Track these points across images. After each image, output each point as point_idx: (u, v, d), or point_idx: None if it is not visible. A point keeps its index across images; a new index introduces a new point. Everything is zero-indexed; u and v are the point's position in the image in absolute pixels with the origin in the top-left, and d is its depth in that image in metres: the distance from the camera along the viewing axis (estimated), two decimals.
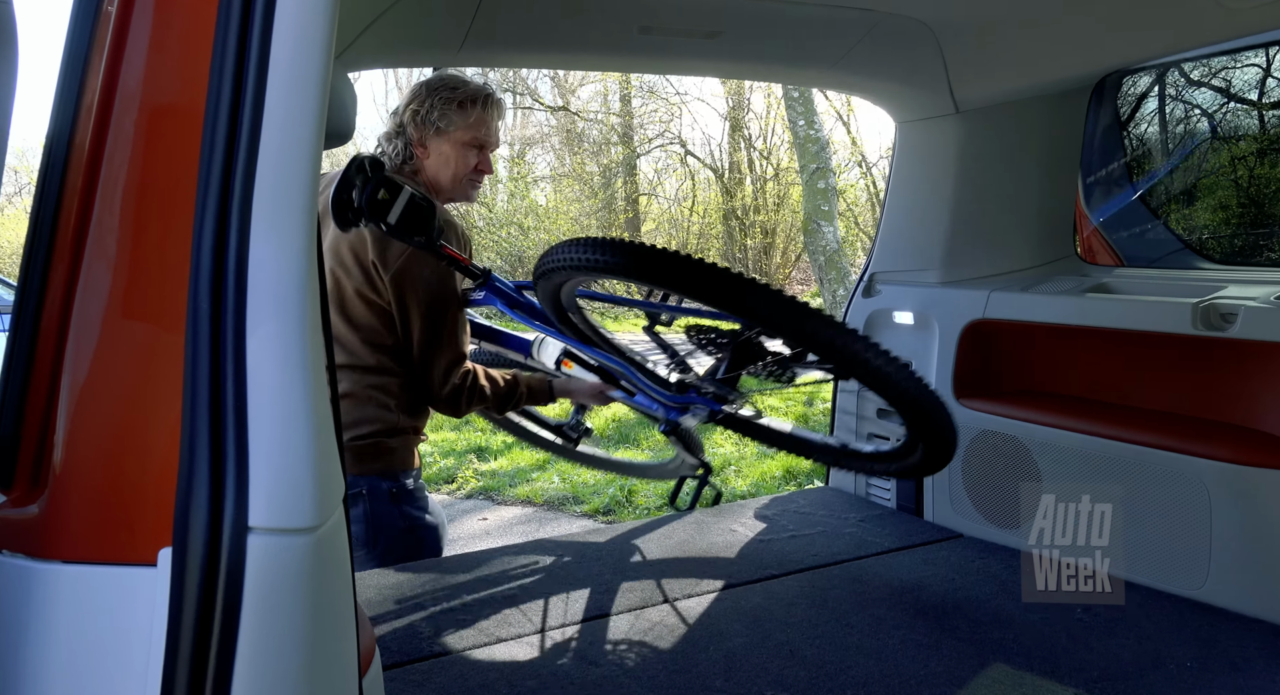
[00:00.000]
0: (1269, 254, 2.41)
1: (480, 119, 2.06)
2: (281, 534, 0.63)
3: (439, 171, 2.15)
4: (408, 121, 2.12)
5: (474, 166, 2.13)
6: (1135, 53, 2.11)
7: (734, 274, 1.55)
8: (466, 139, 2.09)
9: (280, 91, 0.70)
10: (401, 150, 2.16)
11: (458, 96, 2.06)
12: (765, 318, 1.55)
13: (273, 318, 0.68)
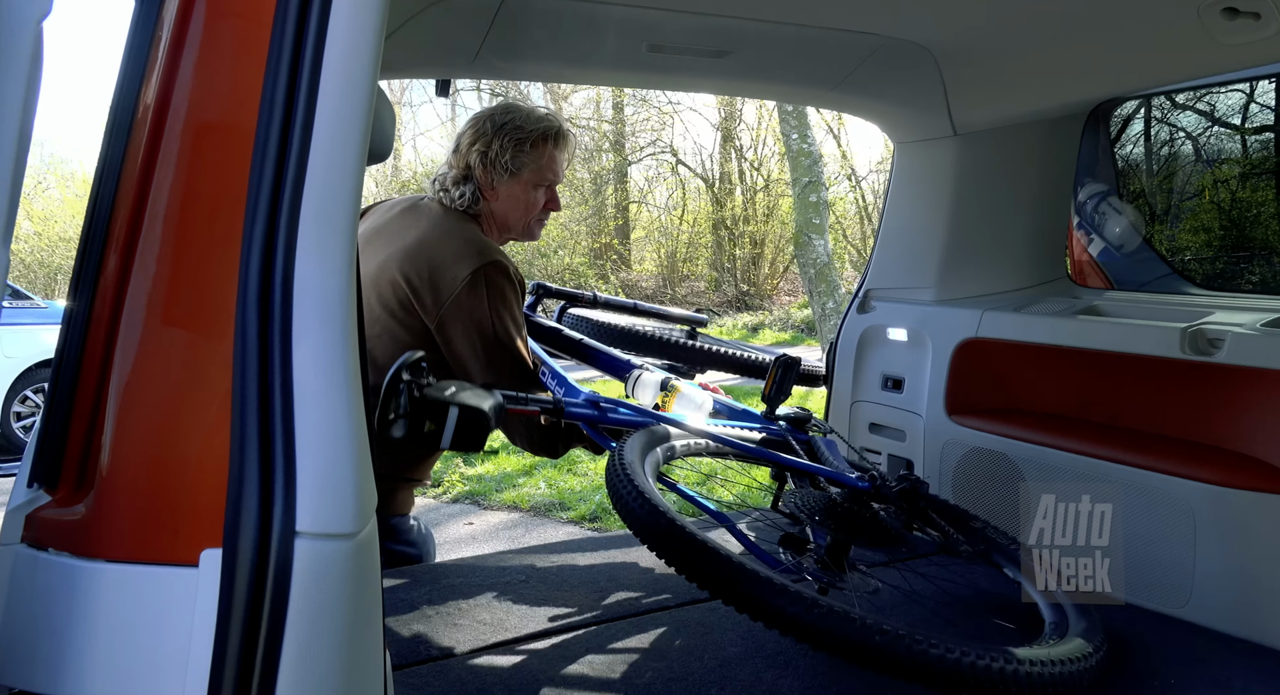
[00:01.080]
0: (1255, 280, 2.47)
1: (552, 158, 2.00)
2: (326, 539, 0.66)
3: (508, 212, 2.06)
4: (475, 164, 2.00)
5: (543, 205, 2.06)
6: (1129, 83, 2.17)
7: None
8: (538, 180, 2.01)
9: (329, 113, 0.73)
10: (469, 194, 2.04)
11: (529, 136, 1.97)
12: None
13: (317, 331, 0.71)
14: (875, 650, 1.33)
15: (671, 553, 1.47)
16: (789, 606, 1.34)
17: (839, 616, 1.33)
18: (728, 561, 1.40)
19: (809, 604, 1.34)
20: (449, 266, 1.95)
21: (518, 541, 5.09)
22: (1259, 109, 2.51)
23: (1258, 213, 2.49)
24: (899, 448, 2.63)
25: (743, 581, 1.38)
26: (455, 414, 1.57)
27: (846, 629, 1.33)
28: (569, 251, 17.42)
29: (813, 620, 1.33)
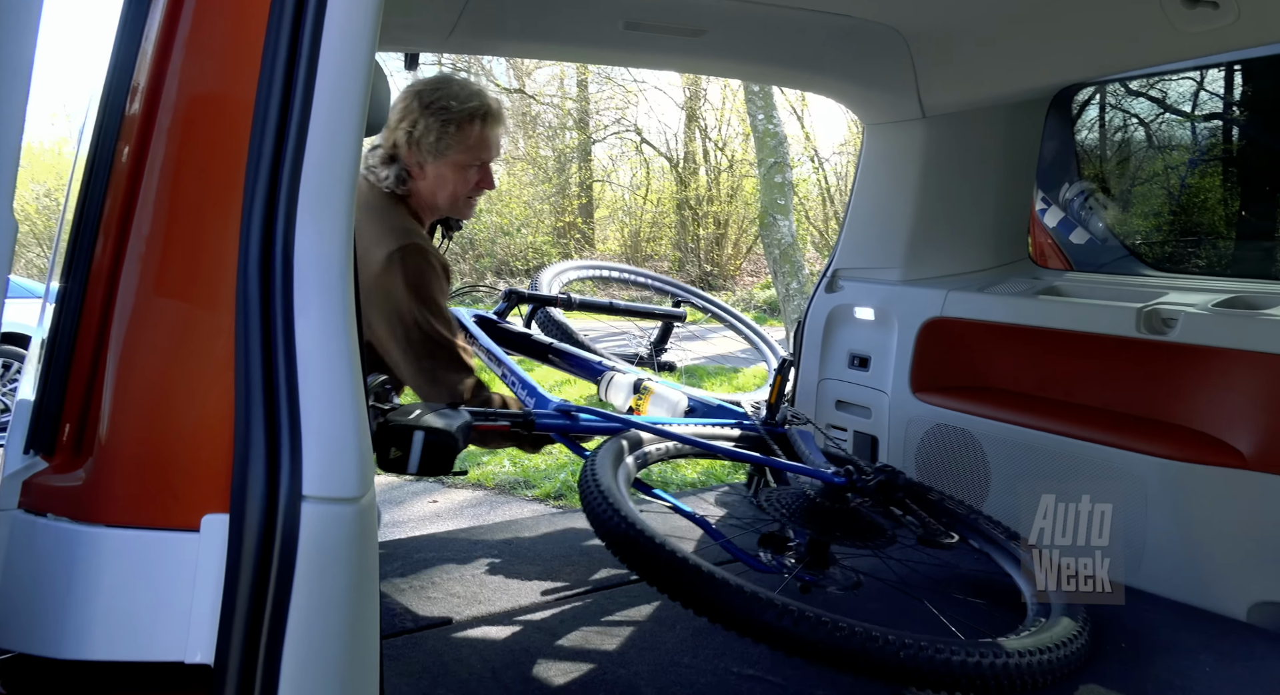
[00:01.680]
0: (1207, 262, 2.56)
1: (481, 139, 1.93)
2: (332, 502, 0.67)
3: (436, 192, 1.99)
4: (401, 144, 1.93)
5: (475, 184, 1.99)
6: (1092, 68, 2.22)
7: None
8: (465, 160, 1.94)
9: (328, 85, 0.73)
10: (394, 176, 1.97)
11: (455, 117, 1.89)
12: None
13: (318, 300, 0.72)
14: (864, 658, 1.32)
15: (641, 567, 1.45)
16: (770, 618, 1.33)
17: (821, 626, 1.32)
18: (697, 572, 1.38)
19: (787, 614, 1.32)
20: (366, 250, 1.87)
21: (482, 519, 5.10)
22: (1212, 97, 2.58)
23: (1209, 198, 2.57)
24: (864, 424, 2.69)
25: (718, 594, 1.36)
26: (420, 439, 1.55)
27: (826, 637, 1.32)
28: (532, 230, 17.31)
29: (796, 631, 1.32)
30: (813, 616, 1.32)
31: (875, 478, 1.76)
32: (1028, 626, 1.60)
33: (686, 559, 1.40)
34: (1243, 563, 1.83)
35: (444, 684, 1.59)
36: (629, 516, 1.49)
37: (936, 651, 1.33)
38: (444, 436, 1.56)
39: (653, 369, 2.69)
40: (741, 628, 1.35)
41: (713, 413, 2.09)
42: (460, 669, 1.64)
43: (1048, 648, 1.44)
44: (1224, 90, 2.58)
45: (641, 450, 1.84)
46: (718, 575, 1.37)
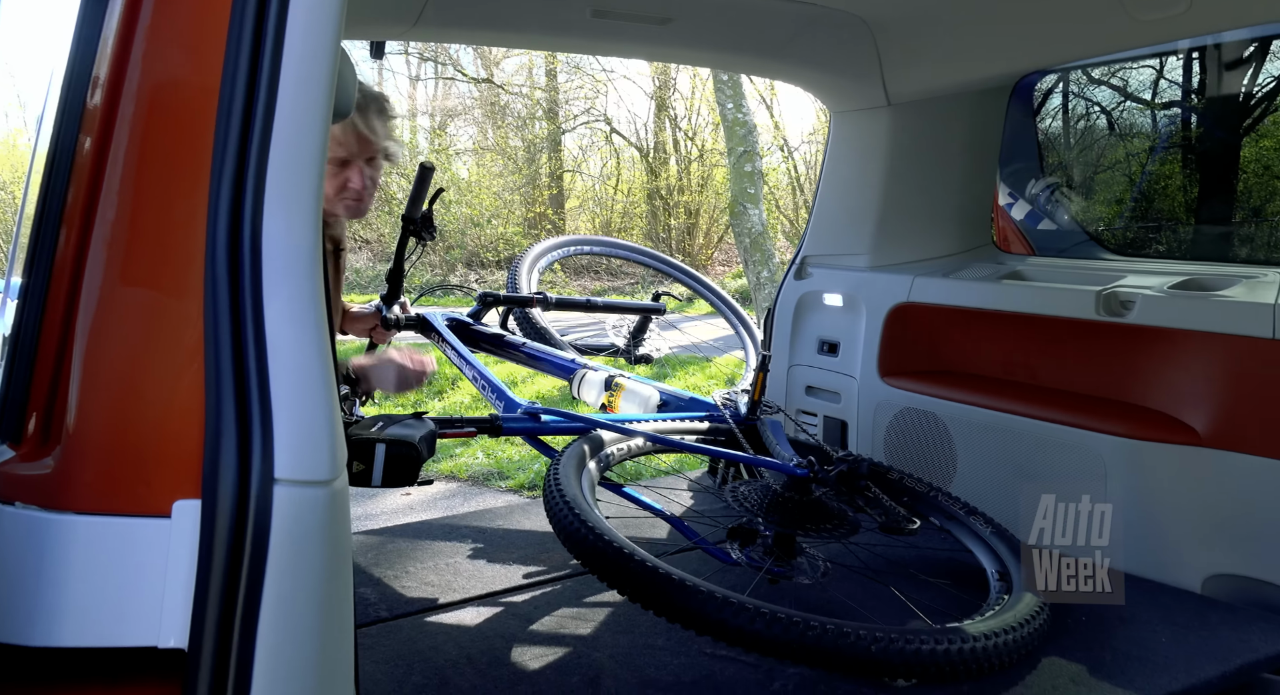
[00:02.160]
0: (1164, 246, 2.62)
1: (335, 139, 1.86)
2: (304, 486, 0.68)
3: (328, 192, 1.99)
4: None
5: (340, 186, 1.91)
6: (1051, 56, 2.26)
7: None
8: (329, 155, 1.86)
9: (293, 71, 0.74)
10: None
11: None
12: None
13: (287, 284, 0.72)
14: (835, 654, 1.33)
15: (607, 574, 1.47)
16: (742, 622, 1.34)
17: (793, 626, 1.33)
18: (666, 579, 1.39)
19: (758, 617, 1.33)
20: None
21: (455, 510, 5.10)
22: (1169, 85, 2.64)
23: (1167, 184, 2.63)
24: (834, 409, 2.73)
25: (688, 600, 1.37)
26: (383, 451, 1.55)
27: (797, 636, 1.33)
28: (503, 221, 17.21)
29: (768, 633, 1.33)
30: (784, 618, 1.33)
31: (837, 468, 1.77)
32: (991, 605, 1.64)
33: (652, 566, 1.41)
34: (1197, 537, 1.89)
35: (419, 670, 1.60)
36: (592, 524, 1.49)
37: (906, 642, 1.35)
38: (407, 448, 1.56)
39: (628, 361, 2.69)
40: (713, 632, 1.37)
41: (684, 406, 2.10)
42: (435, 655, 1.65)
43: (1012, 627, 1.47)
44: (1181, 78, 2.64)
45: (606, 451, 1.85)
46: (688, 582, 1.39)
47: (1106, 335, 2.11)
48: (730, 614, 1.34)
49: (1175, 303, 1.98)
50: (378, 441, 1.56)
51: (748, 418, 2.03)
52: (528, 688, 1.54)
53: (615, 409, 2.08)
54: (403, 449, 1.56)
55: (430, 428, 1.68)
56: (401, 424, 1.63)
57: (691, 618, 1.37)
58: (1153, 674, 1.54)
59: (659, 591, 1.39)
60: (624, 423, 1.93)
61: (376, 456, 1.55)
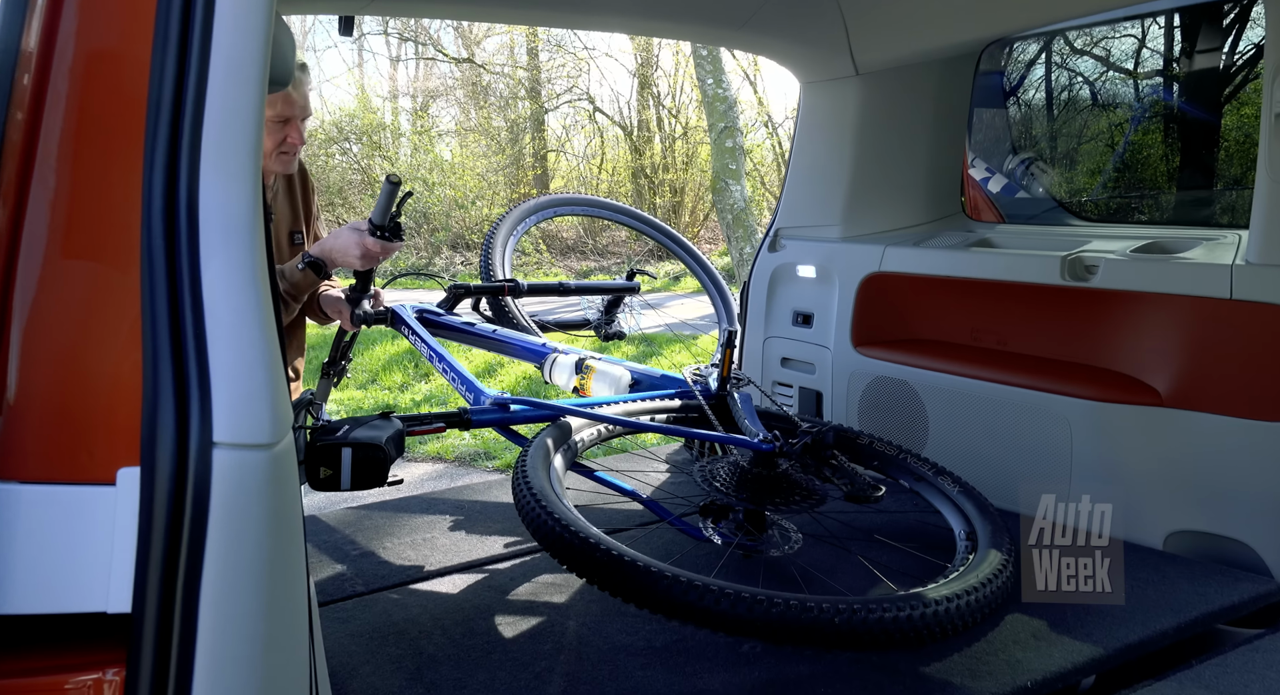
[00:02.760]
0: (1129, 211, 2.64)
1: (279, 95, 2.02)
2: (244, 449, 0.68)
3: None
4: None
5: (279, 141, 2.11)
6: (1016, 21, 2.27)
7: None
8: (269, 115, 2.05)
9: (225, 37, 0.74)
10: None
11: None
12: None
13: (225, 249, 0.73)
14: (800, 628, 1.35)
15: (566, 559, 1.48)
16: (708, 603, 1.35)
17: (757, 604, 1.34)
18: (631, 567, 1.40)
19: (723, 597, 1.35)
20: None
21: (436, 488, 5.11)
22: (1134, 51, 2.65)
23: (1133, 149, 2.65)
24: (809, 380, 2.75)
25: (643, 582, 1.39)
26: (349, 455, 1.55)
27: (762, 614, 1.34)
28: (487, 202, 17.13)
29: (734, 612, 1.34)
30: (747, 596, 1.35)
31: (801, 440, 1.79)
32: (956, 565, 1.67)
33: (616, 554, 1.42)
34: (1159, 496, 1.92)
35: (393, 642, 1.62)
36: (557, 515, 1.50)
37: (869, 611, 1.37)
38: (373, 450, 1.56)
39: (600, 339, 2.70)
40: (681, 614, 1.39)
41: (656, 384, 2.11)
42: (410, 627, 1.67)
43: (973, 588, 1.50)
44: (1147, 45, 2.65)
45: (574, 437, 1.86)
46: (652, 567, 1.40)
47: (1072, 300, 2.13)
48: (695, 596, 1.36)
49: (1137, 266, 2.00)
50: (343, 445, 1.56)
51: (717, 393, 2.05)
52: (500, 656, 1.56)
53: (588, 391, 2.09)
54: (369, 451, 1.57)
55: (397, 427, 1.68)
56: (367, 425, 1.63)
57: (657, 601, 1.39)
58: (1111, 626, 1.58)
59: (624, 578, 1.41)
60: (593, 406, 1.94)
61: (343, 460, 1.55)
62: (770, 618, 1.35)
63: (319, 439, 1.56)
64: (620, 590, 1.43)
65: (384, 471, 1.59)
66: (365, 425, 1.64)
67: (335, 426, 1.62)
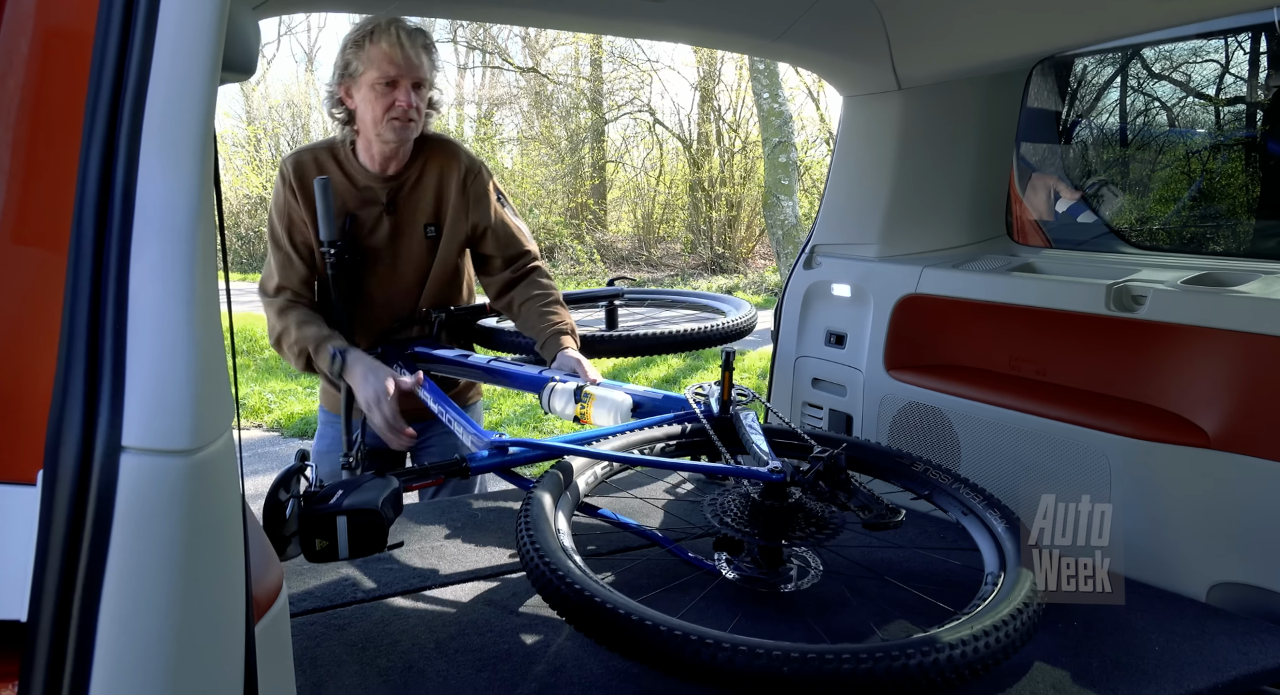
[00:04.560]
0: (1183, 240, 2.50)
1: (380, 53, 2.00)
2: (156, 455, 0.65)
3: (364, 117, 2.10)
4: (335, 81, 2.11)
5: (389, 105, 2.05)
6: (1066, 39, 2.16)
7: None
8: (374, 77, 2.02)
9: (172, 19, 0.71)
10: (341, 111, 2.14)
11: (355, 36, 2.01)
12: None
13: (160, 243, 0.70)
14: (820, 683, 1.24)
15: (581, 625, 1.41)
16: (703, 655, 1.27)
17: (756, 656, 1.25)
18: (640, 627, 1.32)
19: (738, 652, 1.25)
20: None
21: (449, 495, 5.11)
22: (1193, 73, 2.51)
23: (1187, 175, 2.51)
24: (839, 402, 2.66)
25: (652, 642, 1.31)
26: (345, 524, 1.48)
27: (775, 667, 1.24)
28: (545, 211, 17.28)
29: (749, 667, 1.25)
30: (753, 648, 1.25)
31: (813, 468, 1.68)
32: (983, 596, 1.56)
33: (624, 615, 1.34)
34: (1203, 543, 1.79)
35: (386, 654, 1.59)
36: (564, 575, 1.43)
37: (891, 659, 1.26)
38: (369, 517, 1.49)
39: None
40: (687, 674, 1.30)
41: (659, 406, 2.03)
42: (404, 639, 1.64)
43: (995, 627, 1.38)
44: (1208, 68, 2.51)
45: (576, 481, 1.80)
46: (662, 627, 1.31)
47: (1118, 331, 2.01)
48: (704, 652, 1.27)
49: (1188, 298, 1.88)
50: (337, 514, 1.49)
51: (720, 415, 1.97)
52: (490, 675, 1.52)
53: (589, 420, 2.01)
54: (365, 518, 1.50)
55: (394, 486, 1.61)
56: (361, 488, 1.56)
57: (666, 663, 1.31)
58: (1139, 683, 1.46)
59: (637, 641, 1.33)
60: (592, 440, 1.86)
61: (339, 530, 1.49)
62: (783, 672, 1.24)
63: (311, 508, 1.49)
64: (631, 651, 1.35)
65: (383, 537, 1.51)
66: (359, 488, 1.57)
67: (328, 492, 1.55)
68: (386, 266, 2.27)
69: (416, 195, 2.26)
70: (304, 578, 1.89)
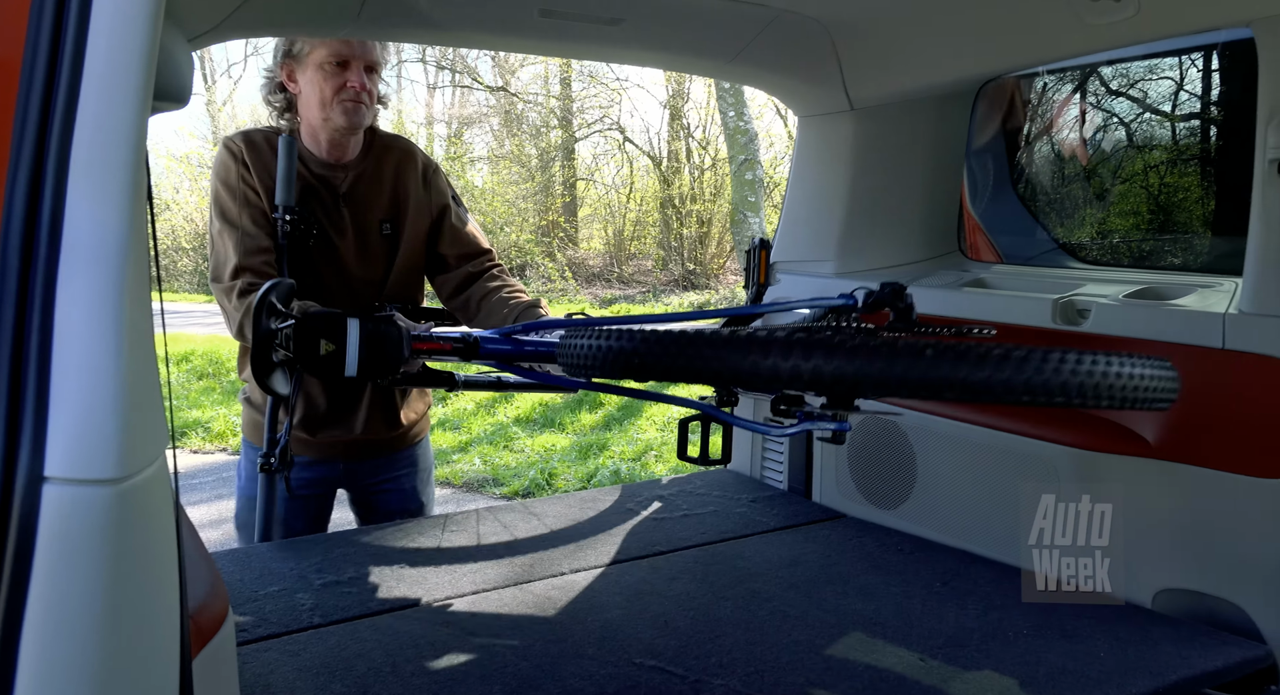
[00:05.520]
0: (1127, 254, 2.57)
1: (332, 41, 1.93)
2: (81, 484, 0.65)
3: (310, 100, 1.99)
4: (276, 64, 2.01)
5: (339, 86, 1.94)
6: (1010, 61, 2.22)
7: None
8: (324, 56, 1.94)
9: (102, 46, 0.72)
10: (280, 99, 2.03)
11: None
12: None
13: (88, 271, 0.70)
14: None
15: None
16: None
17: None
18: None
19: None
20: None
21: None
22: (1130, 92, 2.59)
23: (1131, 191, 2.58)
24: None
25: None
26: (356, 329, 1.29)
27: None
28: (516, 229, 17.28)
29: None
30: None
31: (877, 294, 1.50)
32: None
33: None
34: (1147, 551, 1.83)
35: (340, 678, 1.58)
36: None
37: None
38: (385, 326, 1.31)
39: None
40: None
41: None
42: (360, 663, 1.64)
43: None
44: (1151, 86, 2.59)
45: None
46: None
47: (1064, 343, 2.05)
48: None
49: (1129, 311, 1.93)
50: (348, 316, 1.29)
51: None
52: None
53: None
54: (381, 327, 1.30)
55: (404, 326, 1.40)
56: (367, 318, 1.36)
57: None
58: (1085, 689, 1.49)
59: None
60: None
61: (350, 334, 1.29)
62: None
63: (312, 309, 1.30)
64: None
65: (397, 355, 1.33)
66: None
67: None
68: (343, 260, 2.13)
69: (374, 190, 2.14)
70: (258, 603, 1.87)
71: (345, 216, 2.12)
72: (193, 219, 17.46)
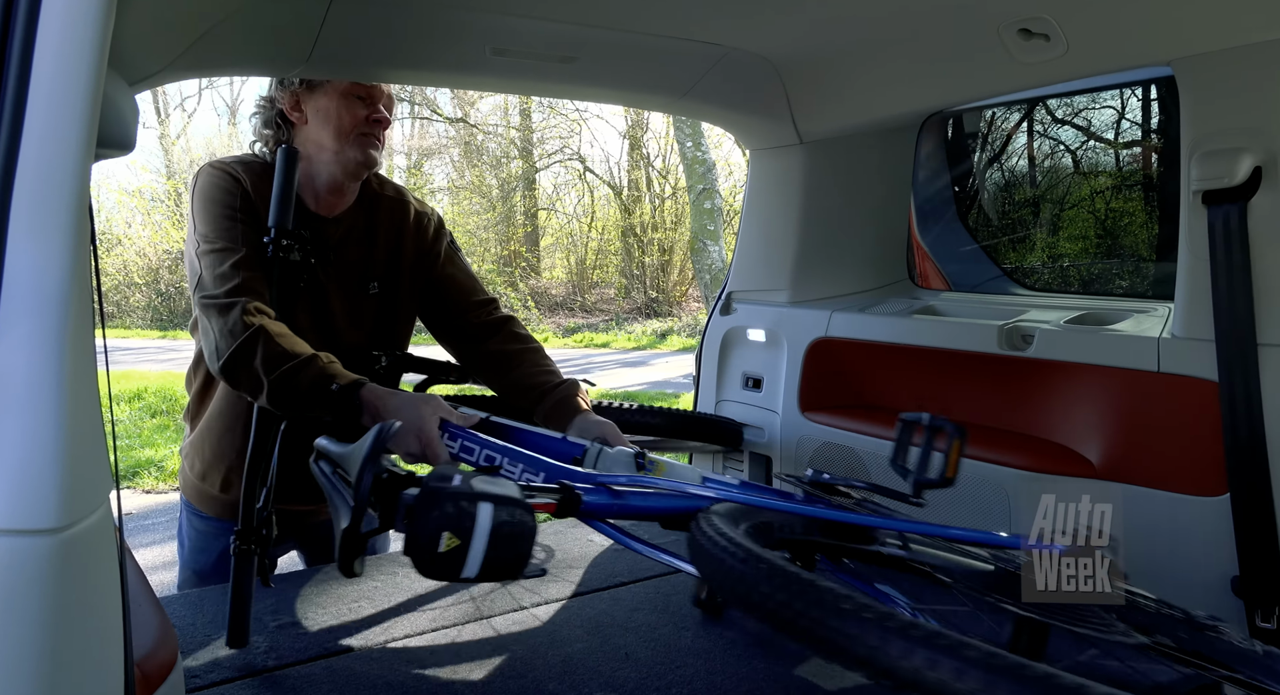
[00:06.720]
0: (1069, 281, 2.65)
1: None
2: (18, 535, 0.65)
3: (320, 131, 1.80)
4: (275, 92, 1.85)
5: (365, 117, 1.80)
6: (949, 97, 2.30)
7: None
8: (350, 85, 1.81)
9: (43, 94, 0.72)
10: (275, 130, 1.84)
11: None
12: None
13: (29, 320, 0.70)
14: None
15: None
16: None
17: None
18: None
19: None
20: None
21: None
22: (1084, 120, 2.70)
23: (1073, 217, 2.67)
24: (759, 445, 2.72)
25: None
26: (488, 516, 0.96)
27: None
28: (478, 259, 17.27)
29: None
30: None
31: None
32: None
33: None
34: None
35: None
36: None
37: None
38: (521, 513, 0.99)
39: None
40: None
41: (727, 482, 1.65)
42: None
43: None
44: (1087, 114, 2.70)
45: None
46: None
47: (1011, 369, 2.12)
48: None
49: (1070, 336, 1.99)
50: (481, 498, 0.98)
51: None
52: None
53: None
54: (517, 514, 1.00)
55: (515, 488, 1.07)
56: (482, 479, 1.04)
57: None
58: None
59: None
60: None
61: (478, 525, 0.97)
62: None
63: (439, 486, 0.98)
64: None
65: (528, 551, 1.03)
66: (479, 478, 1.04)
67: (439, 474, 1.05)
68: (331, 314, 1.93)
69: (363, 250, 1.94)
70: (211, 648, 1.83)
71: (333, 274, 1.93)
72: (145, 254, 17.16)
